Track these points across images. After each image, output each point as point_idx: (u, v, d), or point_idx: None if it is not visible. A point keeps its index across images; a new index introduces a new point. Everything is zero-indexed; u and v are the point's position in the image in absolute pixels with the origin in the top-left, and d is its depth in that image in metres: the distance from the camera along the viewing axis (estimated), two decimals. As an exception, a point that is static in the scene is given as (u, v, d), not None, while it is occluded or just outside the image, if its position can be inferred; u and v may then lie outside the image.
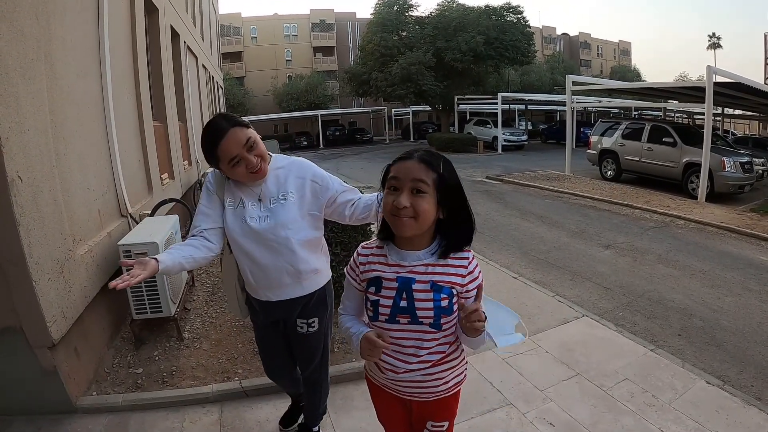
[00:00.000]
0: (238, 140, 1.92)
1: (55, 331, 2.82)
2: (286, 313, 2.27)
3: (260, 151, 2.00)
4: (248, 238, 2.06)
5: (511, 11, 29.48)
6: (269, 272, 2.11)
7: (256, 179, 2.05)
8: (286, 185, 2.10)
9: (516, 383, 3.44)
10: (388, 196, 1.49)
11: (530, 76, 41.03)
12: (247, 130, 1.96)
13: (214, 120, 2.01)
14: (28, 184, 2.67)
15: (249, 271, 2.15)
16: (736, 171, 11.13)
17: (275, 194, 2.08)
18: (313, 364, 2.47)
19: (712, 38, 63.53)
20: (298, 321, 2.28)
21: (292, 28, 47.44)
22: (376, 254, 1.62)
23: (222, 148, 1.92)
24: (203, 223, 2.10)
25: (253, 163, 1.95)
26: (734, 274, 6.08)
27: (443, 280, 1.51)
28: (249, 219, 2.05)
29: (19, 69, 2.66)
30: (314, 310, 2.29)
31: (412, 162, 1.47)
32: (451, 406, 1.73)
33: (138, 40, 5.64)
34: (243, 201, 2.08)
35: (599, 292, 5.47)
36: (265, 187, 2.09)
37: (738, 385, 3.52)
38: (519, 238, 7.88)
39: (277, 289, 2.17)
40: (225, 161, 1.95)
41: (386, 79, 29.05)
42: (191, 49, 10.84)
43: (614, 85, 18.96)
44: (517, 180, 13.99)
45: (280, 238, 2.05)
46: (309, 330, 2.31)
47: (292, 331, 2.34)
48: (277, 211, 2.05)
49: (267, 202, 2.07)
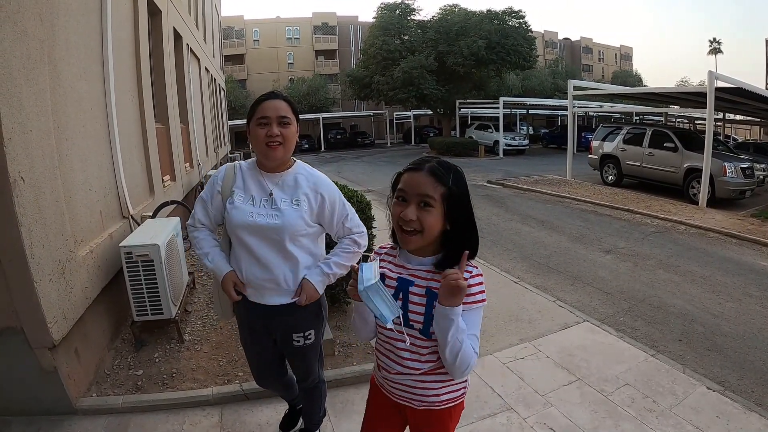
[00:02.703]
0: (278, 108, 2.03)
1: (56, 332, 2.81)
2: (275, 323, 2.24)
3: (288, 133, 2.05)
4: (253, 234, 2.07)
5: (513, 15, 29.50)
6: (268, 270, 2.11)
7: (268, 156, 2.06)
8: (300, 191, 2.11)
9: (516, 388, 3.44)
10: (396, 207, 1.50)
11: (532, 81, 41.10)
12: (290, 111, 2.07)
13: (273, 90, 2.22)
14: (31, 184, 2.67)
15: (246, 269, 2.14)
16: (737, 176, 11.13)
17: (288, 196, 2.09)
18: (312, 375, 2.47)
19: (713, 43, 63.72)
20: (294, 336, 2.26)
21: (295, 31, 47.59)
22: (389, 253, 1.69)
23: (264, 106, 2.04)
24: (205, 219, 2.23)
25: (274, 133, 2.00)
26: (735, 279, 6.08)
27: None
28: (257, 215, 2.06)
29: (22, 70, 2.66)
30: (310, 323, 2.27)
31: (421, 175, 1.46)
32: (444, 421, 1.68)
33: (141, 41, 5.66)
34: (253, 197, 2.10)
35: (600, 297, 5.46)
36: (281, 183, 2.12)
37: (739, 391, 3.51)
38: (520, 243, 7.88)
39: (271, 291, 2.15)
40: (257, 117, 2.04)
41: (388, 82, 29.06)
42: (194, 52, 10.87)
43: (616, 90, 19.00)
44: (518, 184, 13.99)
45: (284, 239, 2.07)
46: (306, 343, 2.28)
47: (287, 346, 2.31)
48: (287, 212, 2.06)
49: (278, 202, 2.08)
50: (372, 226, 4.48)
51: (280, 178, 2.12)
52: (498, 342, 4.21)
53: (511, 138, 26.34)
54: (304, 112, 38.11)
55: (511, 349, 4.05)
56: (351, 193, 4.52)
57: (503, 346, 4.12)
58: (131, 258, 3.55)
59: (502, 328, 4.51)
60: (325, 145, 35.53)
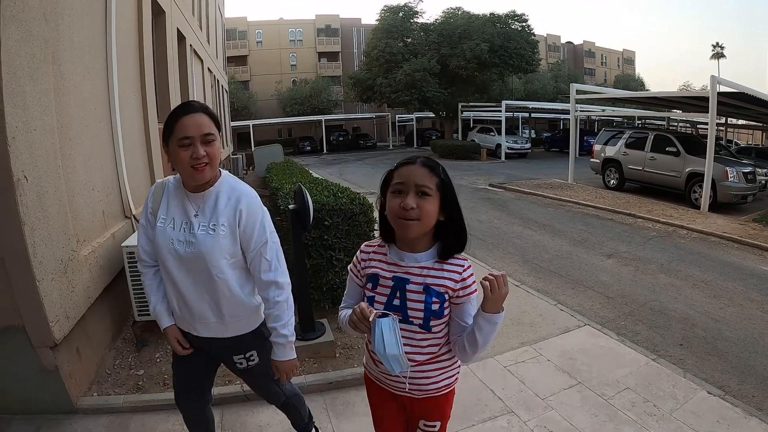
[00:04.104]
0: (200, 125, 1.79)
1: (58, 331, 2.82)
2: (214, 350, 2.08)
3: (213, 152, 1.82)
4: (174, 263, 1.88)
5: (515, 19, 29.57)
6: (192, 304, 1.93)
7: (194, 178, 1.83)
8: (219, 213, 1.87)
9: (517, 391, 3.43)
10: (394, 200, 1.54)
11: (534, 84, 41.16)
12: (213, 125, 1.84)
13: (190, 101, 1.93)
14: (34, 183, 2.68)
15: (174, 298, 1.97)
16: (738, 181, 11.11)
17: (206, 220, 1.87)
18: (277, 396, 2.35)
19: (715, 48, 63.69)
20: (235, 358, 2.09)
21: (298, 33, 47.64)
22: (377, 252, 1.69)
23: (182, 123, 1.78)
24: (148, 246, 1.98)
25: (200, 155, 1.77)
26: (736, 284, 6.07)
27: (436, 283, 1.56)
28: (177, 242, 1.86)
29: (27, 69, 2.67)
30: (249, 344, 2.08)
31: (415, 167, 1.54)
32: (442, 406, 1.75)
33: (145, 42, 5.67)
34: (174, 221, 1.89)
35: (601, 301, 5.46)
36: (202, 205, 1.89)
37: (739, 396, 3.51)
38: (521, 246, 7.88)
39: (201, 324, 1.98)
40: (177, 137, 1.78)
41: (390, 85, 29.13)
42: (197, 52, 10.90)
43: (618, 94, 19.00)
44: (520, 188, 13.99)
45: (204, 270, 1.86)
46: (249, 364, 2.11)
47: (232, 368, 2.17)
48: (202, 240, 1.84)
49: (196, 227, 1.86)
50: (374, 228, 4.49)
51: (202, 198, 1.89)
52: (499, 345, 4.20)
53: (513, 141, 26.37)
54: (306, 113, 38.27)
55: (512, 353, 4.05)
56: (353, 196, 4.53)
57: (504, 349, 4.11)
58: (133, 258, 3.56)
59: (503, 332, 4.50)
60: (327, 147, 35.56)
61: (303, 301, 3.87)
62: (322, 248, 4.26)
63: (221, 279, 1.88)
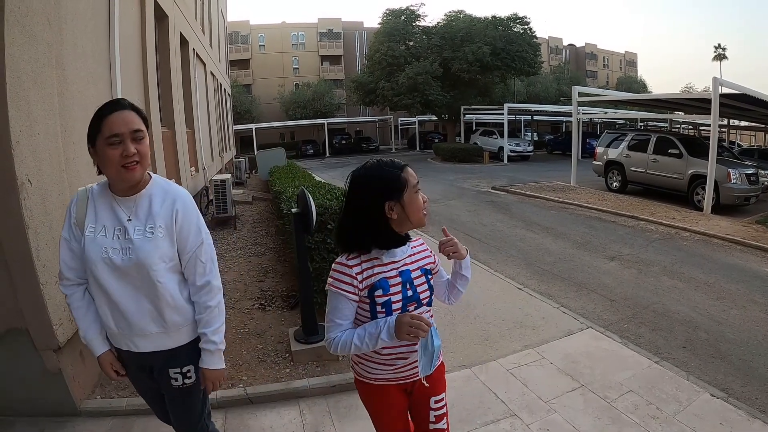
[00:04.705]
0: (129, 122, 1.70)
1: (61, 334, 2.83)
2: (153, 363, 1.92)
3: (144, 150, 1.74)
4: (108, 274, 1.75)
5: (517, 22, 29.61)
6: (131, 317, 1.79)
7: (124, 179, 1.73)
8: (154, 214, 1.78)
9: (520, 394, 3.43)
10: (419, 197, 1.70)
11: (536, 87, 41.13)
12: (141, 123, 1.75)
13: (116, 99, 1.83)
14: (38, 187, 2.69)
15: (109, 314, 1.81)
16: (741, 183, 11.08)
17: (142, 224, 1.77)
18: (195, 426, 2.09)
19: (717, 49, 63.60)
20: (171, 372, 1.90)
21: (300, 36, 47.76)
22: (366, 260, 1.69)
23: (110, 120, 1.68)
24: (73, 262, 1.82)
25: (131, 152, 1.67)
26: (739, 286, 6.05)
27: (425, 263, 1.81)
28: (111, 250, 1.74)
29: (30, 73, 2.69)
30: (189, 358, 1.92)
31: (412, 173, 1.75)
32: (442, 374, 1.93)
33: (148, 46, 5.70)
34: (105, 228, 1.77)
35: (604, 303, 5.44)
36: (135, 208, 1.78)
37: (742, 398, 3.49)
38: (524, 249, 7.87)
39: (141, 338, 1.84)
40: (104, 136, 1.67)
41: (393, 88, 29.15)
42: (200, 56, 10.94)
43: (620, 97, 18.99)
44: (522, 191, 13.97)
45: (144, 276, 1.76)
46: (185, 382, 1.92)
47: (165, 386, 1.95)
48: (140, 244, 1.74)
49: (131, 232, 1.75)
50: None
51: (134, 201, 1.78)
52: (502, 348, 4.20)
53: (516, 144, 26.37)
54: (309, 117, 38.32)
55: (515, 356, 4.04)
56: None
57: (507, 352, 4.11)
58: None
59: (506, 335, 4.50)
60: (330, 150, 35.64)
61: (306, 304, 3.88)
62: (325, 251, 4.26)
63: (162, 284, 1.78)
